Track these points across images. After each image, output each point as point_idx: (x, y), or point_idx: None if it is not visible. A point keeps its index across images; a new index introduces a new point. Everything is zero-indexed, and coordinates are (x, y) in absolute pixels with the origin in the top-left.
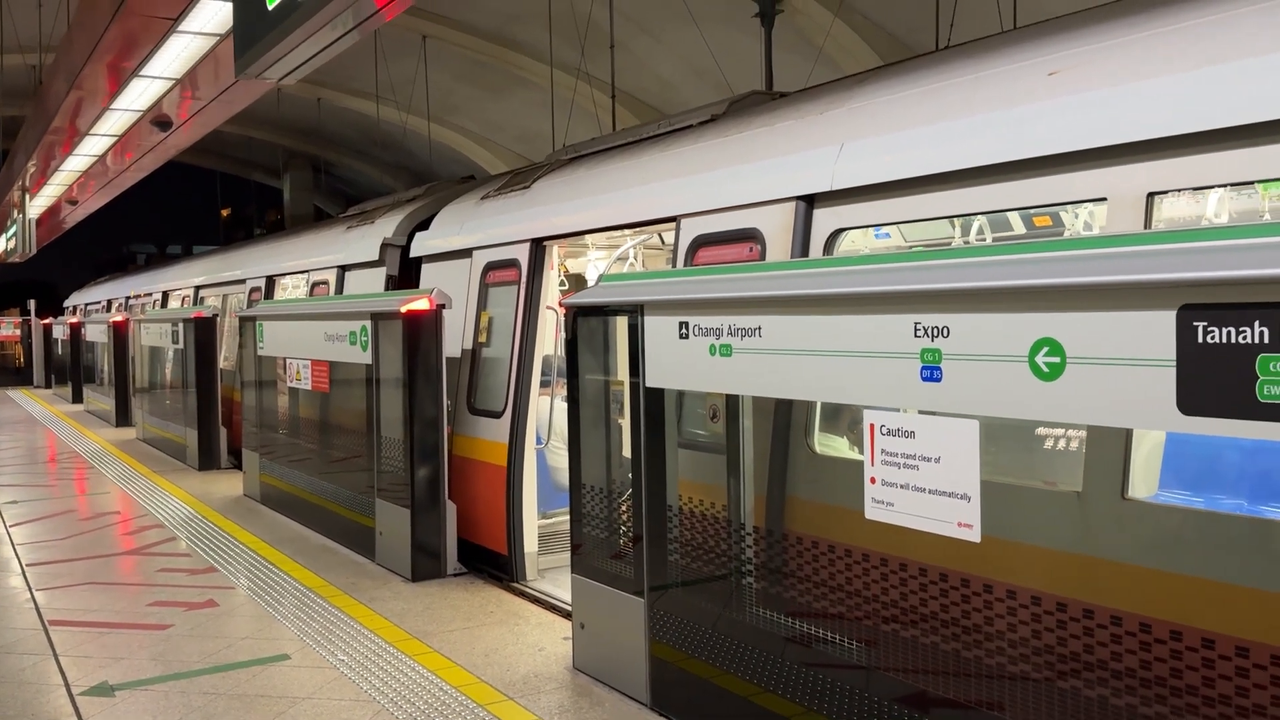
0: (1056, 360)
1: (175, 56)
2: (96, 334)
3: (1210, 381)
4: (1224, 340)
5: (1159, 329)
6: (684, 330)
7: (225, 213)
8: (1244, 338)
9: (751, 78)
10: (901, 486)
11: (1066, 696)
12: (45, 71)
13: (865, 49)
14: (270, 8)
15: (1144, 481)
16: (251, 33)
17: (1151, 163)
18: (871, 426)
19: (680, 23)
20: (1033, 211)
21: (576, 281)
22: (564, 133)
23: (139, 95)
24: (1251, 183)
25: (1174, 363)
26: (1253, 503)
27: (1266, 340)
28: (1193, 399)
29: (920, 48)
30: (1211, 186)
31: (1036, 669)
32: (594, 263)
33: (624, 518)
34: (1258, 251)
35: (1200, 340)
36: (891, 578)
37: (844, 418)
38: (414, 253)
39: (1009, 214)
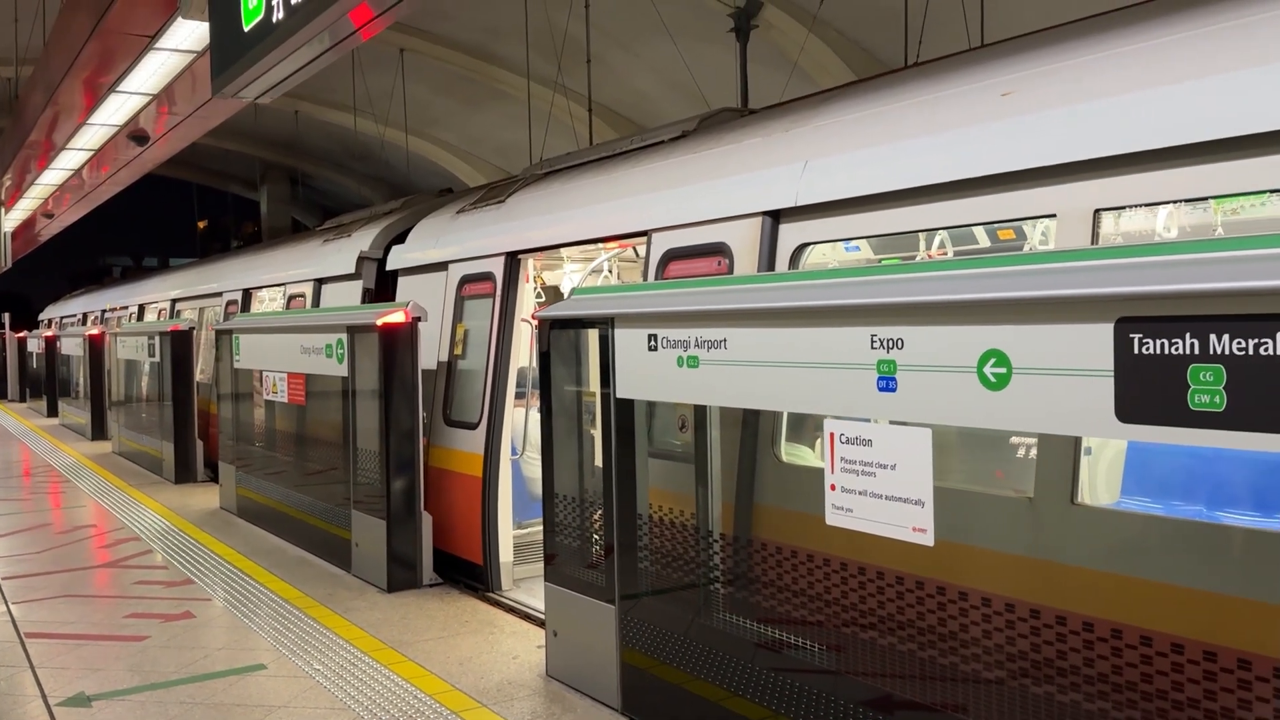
0: (1003, 371)
1: (152, 73)
2: (72, 347)
3: (1146, 390)
4: (1158, 351)
5: (1098, 341)
6: (653, 342)
7: (202, 225)
8: (1176, 349)
9: (727, 91)
10: (860, 493)
11: (1027, 697)
12: (22, 85)
13: (838, 63)
14: (246, 28)
15: (1105, 488)
16: (228, 53)
17: (1098, 180)
18: (832, 435)
19: (656, 37)
20: (995, 225)
21: (553, 293)
22: (542, 145)
23: (116, 110)
24: (1193, 200)
25: (1112, 373)
26: (1210, 508)
27: (1196, 351)
28: (1130, 407)
29: (892, 62)
30: (1154, 204)
31: (988, 668)
32: (569, 275)
33: (596, 527)
34: (1188, 267)
35: (1136, 351)
36: (851, 581)
37: (809, 427)
38: (390, 266)
39: (971, 228)
